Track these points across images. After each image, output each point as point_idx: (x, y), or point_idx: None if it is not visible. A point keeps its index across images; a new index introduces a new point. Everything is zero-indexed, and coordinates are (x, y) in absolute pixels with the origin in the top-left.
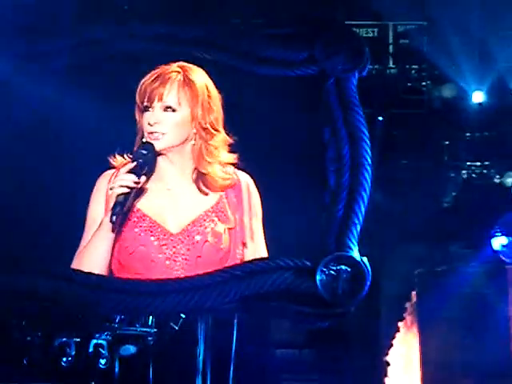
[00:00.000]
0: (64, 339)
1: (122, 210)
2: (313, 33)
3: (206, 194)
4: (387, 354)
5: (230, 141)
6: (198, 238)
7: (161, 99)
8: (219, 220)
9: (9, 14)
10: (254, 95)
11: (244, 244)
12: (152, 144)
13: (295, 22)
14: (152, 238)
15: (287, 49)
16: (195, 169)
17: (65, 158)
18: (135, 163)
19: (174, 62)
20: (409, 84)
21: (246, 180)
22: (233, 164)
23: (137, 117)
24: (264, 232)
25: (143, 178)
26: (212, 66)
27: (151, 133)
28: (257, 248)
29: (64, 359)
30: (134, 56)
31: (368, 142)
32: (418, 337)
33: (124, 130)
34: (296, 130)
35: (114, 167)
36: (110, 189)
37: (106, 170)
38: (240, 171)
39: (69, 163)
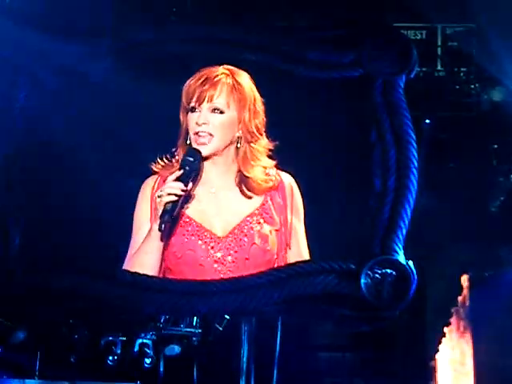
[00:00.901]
0: (110, 338)
1: (171, 217)
2: (360, 35)
3: (250, 198)
4: (433, 359)
5: (271, 146)
6: (245, 240)
7: (210, 100)
8: (265, 222)
9: (60, 17)
10: (296, 98)
11: (288, 245)
12: (199, 151)
13: (343, 24)
14: (199, 242)
15: (334, 51)
16: (238, 172)
17: (110, 160)
18: (182, 171)
19: (219, 64)
20: (457, 87)
21: (289, 181)
22: (274, 166)
23: (181, 117)
24: (308, 234)
25: (190, 185)
26: (255, 69)
27: (198, 133)
28: (299, 250)
29: (110, 358)
30: (180, 58)
31: (415, 145)
32: (470, 342)
33: (166, 133)
34: (341, 132)
35: (155, 173)
36: (159, 196)
37: (150, 175)
38: (283, 172)
39: (116, 165)
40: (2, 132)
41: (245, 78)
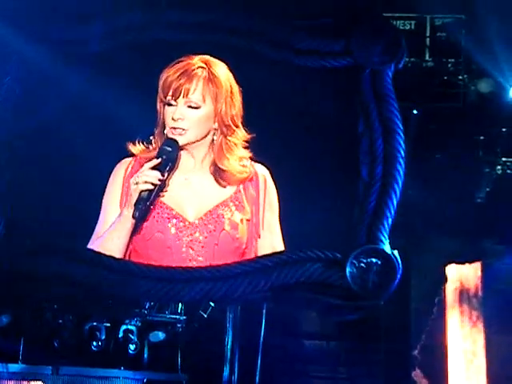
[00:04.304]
0: (94, 323)
1: (146, 205)
2: (350, 24)
3: (224, 187)
4: (416, 348)
5: (248, 136)
6: (215, 226)
7: (186, 95)
8: (236, 210)
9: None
10: (282, 86)
11: (258, 236)
12: (176, 141)
13: (332, 13)
14: (169, 225)
15: (323, 39)
16: (213, 162)
17: (88, 143)
18: (159, 160)
19: (199, 53)
20: (445, 78)
21: (263, 173)
22: (249, 158)
23: (158, 107)
24: (293, 224)
25: (166, 175)
26: (241, 56)
27: (174, 128)
28: (273, 240)
29: (94, 343)
30: (167, 44)
31: (402, 135)
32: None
33: (145, 118)
34: (329, 121)
35: (132, 154)
36: (136, 183)
37: (123, 158)
38: (257, 164)
39: (104, 151)
40: None
41: (221, 70)
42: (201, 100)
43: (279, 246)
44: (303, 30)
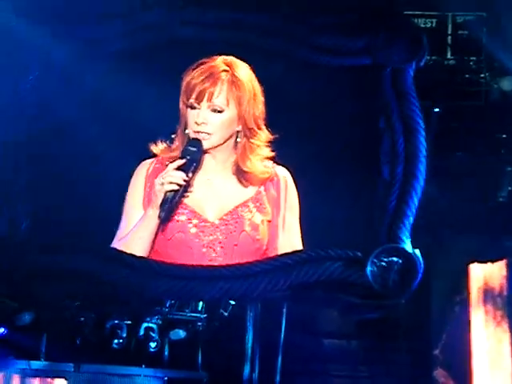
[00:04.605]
0: (116, 321)
1: (171, 206)
2: (370, 22)
3: (246, 187)
4: (437, 348)
5: (271, 138)
6: (235, 226)
7: (210, 99)
8: (257, 211)
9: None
10: (305, 84)
11: (278, 237)
12: (200, 141)
13: (352, 11)
14: (190, 225)
15: (343, 38)
16: (236, 163)
17: (107, 143)
18: (184, 160)
19: (220, 53)
20: (467, 76)
21: (284, 175)
22: (272, 158)
23: (180, 107)
24: (314, 223)
25: (190, 175)
26: (265, 54)
27: (198, 132)
28: (291, 240)
29: (115, 341)
30: (186, 43)
31: (423, 133)
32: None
33: (166, 117)
34: (350, 120)
35: (154, 155)
36: (161, 184)
37: (145, 158)
38: (278, 166)
39: (126, 149)
40: (11, 117)
41: (244, 71)
42: (225, 104)
43: (298, 246)
44: (323, 27)
